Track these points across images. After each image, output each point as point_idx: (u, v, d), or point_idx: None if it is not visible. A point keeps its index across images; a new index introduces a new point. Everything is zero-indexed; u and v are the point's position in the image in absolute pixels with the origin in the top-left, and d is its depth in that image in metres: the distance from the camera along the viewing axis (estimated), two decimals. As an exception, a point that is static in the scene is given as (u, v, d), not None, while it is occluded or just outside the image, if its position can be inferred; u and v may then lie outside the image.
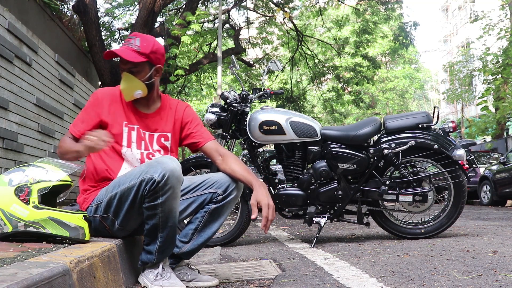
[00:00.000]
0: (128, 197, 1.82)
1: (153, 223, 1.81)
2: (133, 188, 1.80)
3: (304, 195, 3.55)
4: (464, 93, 20.29)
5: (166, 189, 1.76)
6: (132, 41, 2.02)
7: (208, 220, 2.03)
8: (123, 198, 1.84)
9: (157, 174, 1.74)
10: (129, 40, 2.03)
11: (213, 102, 6.12)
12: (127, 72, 2.01)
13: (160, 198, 1.77)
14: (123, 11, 13.53)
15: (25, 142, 4.19)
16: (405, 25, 14.10)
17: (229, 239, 3.66)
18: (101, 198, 1.93)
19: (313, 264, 2.56)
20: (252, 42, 14.83)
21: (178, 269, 2.06)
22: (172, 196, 1.79)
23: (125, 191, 1.83)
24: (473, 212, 7.47)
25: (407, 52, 24.42)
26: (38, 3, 6.35)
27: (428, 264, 2.37)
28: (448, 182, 3.54)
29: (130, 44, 2.02)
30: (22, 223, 1.66)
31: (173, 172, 1.76)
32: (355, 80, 15.41)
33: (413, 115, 3.62)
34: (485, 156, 12.89)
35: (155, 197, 1.77)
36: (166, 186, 1.75)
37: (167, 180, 1.75)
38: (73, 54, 8.03)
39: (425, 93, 37.96)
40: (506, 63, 12.52)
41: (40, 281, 1.10)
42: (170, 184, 1.76)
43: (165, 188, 1.76)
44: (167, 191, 1.76)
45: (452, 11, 35.51)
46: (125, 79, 2.02)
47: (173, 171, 1.76)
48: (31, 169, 1.74)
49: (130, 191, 1.81)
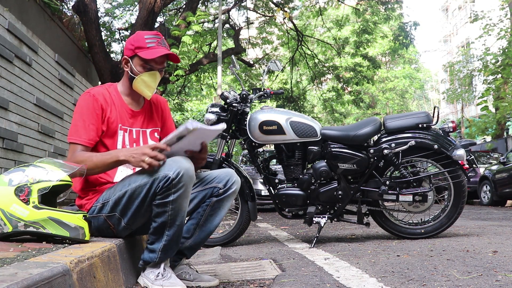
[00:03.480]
0: (140, 194, 1.83)
1: (162, 220, 1.82)
2: (146, 185, 1.81)
3: (304, 195, 3.55)
4: (464, 93, 20.30)
5: (179, 187, 1.77)
6: (163, 42, 2.05)
7: (209, 214, 2.06)
8: (134, 196, 1.84)
9: (172, 171, 1.76)
10: (160, 40, 2.04)
11: (213, 102, 6.11)
12: (159, 71, 2.05)
13: (172, 196, 1.78)
14: (123, 11, 13.53)
15: (25, 142, 4.19)
16: (405, 25, 14.09)
17: (229, 239, 3.66)
18: (107, 197, 1.93)
19: (313, 264, 2.56)
20: (252, 42, 14.83)
21: (179, 268, 2.06)
22: (183, 195, 1.80)
23: (136, 188, 1.83)
24: (473, 212, 7.47)
25: (407, 52, 24.42)
26: (38, 3, 6.35)
27: (428, 264, 2.37)
28: (448, 182, 3.54)
29: (165, 44, 2.05)
30: (22, 223, 1.66)
31: (188, 171, 1.78)
32: (355, 80, 15.41)
33: (413, 115, 3.62)
34: (485, 156, 12.89)
35: (167, 194, 1.78)
36: (179, 183, 1.76)
37: (181, 178, 1.76)
38: (73, 54, 8.04)
39: (425, 93, 37.95)
40: (506, 63, 12.52)
41: (40, 281, 1.10)
42: (183, 182, 1.77)
43: (178, 186, 1.77)
44: (180, 189, 1.77)
45: (452, 11, 35.52)
46: (156, 78, 2.05)
47: (188, 170, 1.78)
48: (31, 169, 1.73)
49: (142, 188, 1.82)
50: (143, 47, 2.01)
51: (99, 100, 2.01)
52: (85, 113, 1.97)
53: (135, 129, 2.10)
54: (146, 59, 2.00)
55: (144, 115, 2.15)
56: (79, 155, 1.91)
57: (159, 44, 2.03)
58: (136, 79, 2.04)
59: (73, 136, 1.95)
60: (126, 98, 2.11)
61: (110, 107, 2.03)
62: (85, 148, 1.95)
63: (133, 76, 2.05)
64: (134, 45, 2.03)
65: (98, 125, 1.98)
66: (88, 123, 1.96)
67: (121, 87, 2.13)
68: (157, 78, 2.06)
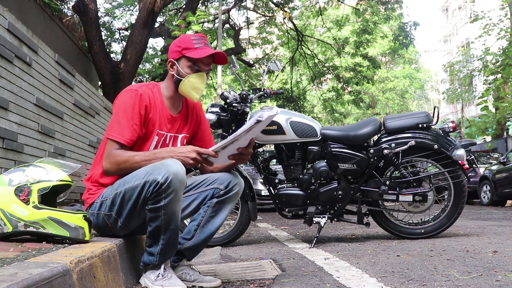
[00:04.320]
0: (132, 197, 1.83)
1: (156, 225, 1.81)
2: (137, 188, 1.80)
3: (304, 195, 3.55)
4: (464, 93, 20.30)
5: (169, 192, 1.76)
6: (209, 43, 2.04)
7: (210, 215, 2.05)
8: (127, 197, 1.84)
9: (160, 176, 1.74)
10: (206, 42, 2.03)
11: (213, 102, 6.11)
12: (206, 73, 2.04)
13: (163, 201, 1.77)
14: (123, 11, 13.53)
15: (25, 142, 4.19)
16: (405, 25, 14.10)
17: (229, 239, 3.66)
18: (106, 195, 1.93)
19: (313, 264, 2.56)
20: (252, 42, 14.84)
21: (180, 269, 2.06)
22: (174, 199, 1.79)
23: (129, 190, 1.83)
24: (473, 212, 7.47)
25: (407, 52, 24.41)
26: (38, 3, 6.35)
27: (428, 264, 2.37)
28: (448, 182, 3.54)
29: (210, 46, 2.04)
30: (22, 223, 1.66)
31: (177, 175, 1.75)
32: (355, 80, 15.42)
33: (413, 115, 3.62)
34: (485, 156, 12.89)
35: (158, 200, 1.77)
36: (169, 188, 1.75)
37: (170, 183, 1.74)
38: (73, 54, 8.04)
39: (425, 93, 37.95)
40: (506, 63, 12.52)
41: (40, 281, 1.10)
42: (173, 187, 1.75)
43: (168, 191, 1.75)
44: (170, 194, 1.76)
45: (452, 11, 35.51)
46: (203, 80, 2.03)
47: (177, 174, 1.76)
48: (31, 169, 1.73)
49: (134, 191, 1.81)
50: (190, 48, 1.98)
51: (145, 100, 1.97)
52: (130, 111, 1.92)
53: (169, 135, 2.08)
54: (194, 59, 1.98)
55: (180, 120, 2.12)
56: (119, 154, 1.88)
57: (206, 45, 2.01)
58: (183, 81, 2.00)
59: (116, 134, 1.90)
60: (167, 102, 2.07)
61: (153, 110, 2.00)
62: (124, 147, 1.91)
63: (179, 79, 2.01)
64: (181, 47, 2.00)
65: (141, 125, 1.95)
66: (132, 123, 1.92)
67: (164, 90, 2.08)
68: (204, 80, 2.03)
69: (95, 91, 6.71)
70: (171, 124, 2.08)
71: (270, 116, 1.84)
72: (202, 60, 2.00)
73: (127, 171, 1.87)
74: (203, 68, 2.02)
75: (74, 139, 5.61)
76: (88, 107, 6.17)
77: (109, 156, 1.89)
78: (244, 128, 1.81)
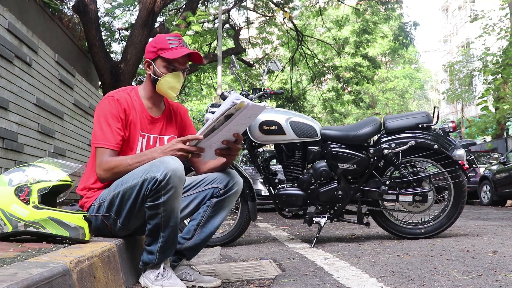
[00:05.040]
0: (131, 196, 1.83)
1: (155, 222, 1.82)
2: (136, 187, 1.80)
3: (304, 195, 3.55)
4: (464, 93, 20.31)
5: (168, 189, 1.76)
6: (184, 43, 2.05)
7: (210, 215, 2.05)
8: (126, 197, 1.84)
9: (159, 173, 1.75)
10: (181, 41, 2.04)
11: (213, 102, 6.11)
12: (182, 72, 2.06)
13: (162, 198, 1.77)
14: (123, 11, 13.54)
15: (25, 142, 4.19)
16: (405, 25, 14.10)
17: (229, 239, 3.66)
18: (103, 197, 1.93)
19: (313, 264, 2.56)
20: (252, 42, 14.84)
21: (180, 269, 2.06)
22: (174, 196, 1.79)
23: (127, 189, 1.83)
24: (473, 212, 7.47)
25: (407, 52, 24.43)
26: (38, 3, 6.35)
27: (428, 264, 2.37)
28: (448, 182, 3.54)
29: (186, 45, 2.05)
30: (22, 223, 1.66)
31: (175, 172, 1.76)
32: (355, 80, 15.43)
33: (413, 115, 3.62)
34: (485, 156, 12.89)
35: (157, 197, 1.77)
36: (168, 185, 1.75)
37: (169, 180, 1.75)
38: (73, 54, 8.04)
39: (425, 93, 37.96)
40: (506, 63, 12.52)
41: (40, 281, 1.10)
42: (172, 184, 1.76)
43: (167, 188, 1.76)
44: (169, 191, 1.77)
45: (452, 11, 35.52)
46: (180, 79, 2.05)
47: (175, 170, 1.76)
48: (31, 169, 1.74)
49: (133, 190, 1.81)
50: (165, 48, 2.00)
51: (123, 104, 2.00)
52: (110, 117, 1.96)
53: (152, 136, 2.09)
54: (169, 59, 2.00)
55: (163, 121, 2.14)
56: (111, 160, 1.91)
57: (181, 45, 2.03)
58: (159, 80, 2.03)
59: (101, 141, 1.94)
60: (147, 103, 2.10)
61: (132, 112, 2.03)
62: (113, 152, 1.94)
63: (156, 79, 2.04)
64: (156, 47, 2.02)
65: (123, 128, 1.98)
66: (115, 127, 1.95)
67: (142, 91, 2.11)
68: (180, 79, 2.06)
69: (95, 91, 6.71)
70: (152, 125, 2.10)
71: (255, 106, 1.80)
72: (177, 60, 2.02)
73: (121, 174, 1.89)
74: (179, 67, 2.04)
75: (74, 139, 5.61)
76: (88, 107, 6.17)
77: (101, 164, 1.92)
78: (222, 109, 1.78)
